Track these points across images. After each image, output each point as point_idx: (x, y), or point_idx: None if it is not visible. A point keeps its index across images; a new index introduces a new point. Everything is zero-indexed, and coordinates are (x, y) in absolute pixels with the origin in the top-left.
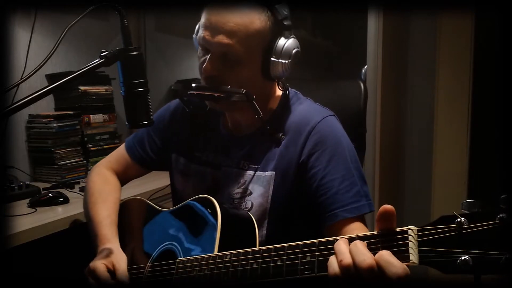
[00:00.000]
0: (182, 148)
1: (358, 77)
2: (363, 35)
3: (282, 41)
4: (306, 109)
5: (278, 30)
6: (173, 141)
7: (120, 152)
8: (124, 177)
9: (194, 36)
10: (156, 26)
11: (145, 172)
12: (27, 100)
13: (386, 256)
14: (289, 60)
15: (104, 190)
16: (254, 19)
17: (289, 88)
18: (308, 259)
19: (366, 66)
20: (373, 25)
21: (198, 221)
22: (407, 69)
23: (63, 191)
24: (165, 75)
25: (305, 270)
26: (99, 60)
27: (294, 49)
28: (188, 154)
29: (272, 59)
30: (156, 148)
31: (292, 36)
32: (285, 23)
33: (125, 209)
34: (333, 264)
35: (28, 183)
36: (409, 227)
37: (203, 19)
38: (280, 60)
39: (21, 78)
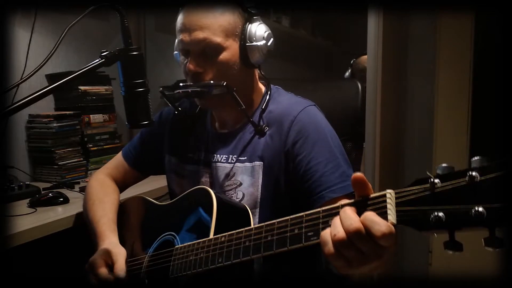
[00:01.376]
0: (174, 150)
1: (349, 66)
2: (363, 35)
3: (252, 26)
4: (287, 101)
5: (248, 18)
6: (166, 144)
7: (117, 159)
8: (122, 183)
9: (175, 52)
10: (156, 26)
11: (142, 177)
12: (27, 100)
13: (370, 216)
14: (264, 42)
15: (101, 192)
16: (223, 11)
17: (271, 85)
18: (296, 231)
19: (354, 59)
20: (373, 25)
21: (194, 210)
22: (407, 69)
23: (63, 191)
24: (165, 75)
25: (293, 242)
26: (99, 60)
27: (265, 31)
28: (181, 155)
29: (247, 44)
30: (151, 153)
31: (260, 22)
32: (252, 11)
33: (125, 208)
34: (326, 238)
35: (28, 183)
36: (387, 190)
37: (178, 25)
38: (254, 43)
39: (21, 78)
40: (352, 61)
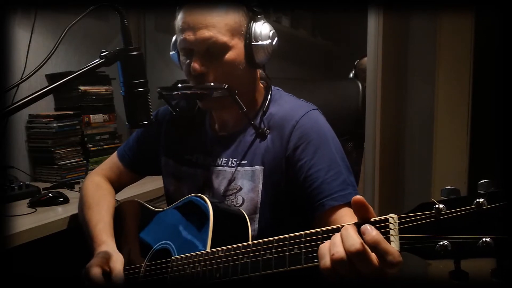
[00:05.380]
0: (171, 152)
1: (353, 67)
2: (363, 35)
3: (257, 25)
4: (289, 105)
5: (252, 17)
6: (162, 145)
7: (112, 160)
8: (117, 184)
9: (171, 53)
10: (156, 26)
11: (138, 178)
12: (27, 100)
13: (382, 244)
14: (269, 41)
15: (97, 195)
16: (228, 9)
17: (272, 86)
18: (295, 251)
19: (358, 60)
20: (373, 25)
21: (191, 219)
22: (407, 69)
23: (63, 191)
24: (165, 75)
25: (293, 263)
26: (99, 60)
27: (270, 30)
28: (178, 157)
29: (253, 43)
30: (147, 154)
31: (264, 21)
32: (256, 10)
33: (120, 212)
34: (323, 252)
35: (28, 183)
36: (390, 215)
37: (179, 24)
38: (260, 43)
39: (21, 78)
40: (356, 62)
